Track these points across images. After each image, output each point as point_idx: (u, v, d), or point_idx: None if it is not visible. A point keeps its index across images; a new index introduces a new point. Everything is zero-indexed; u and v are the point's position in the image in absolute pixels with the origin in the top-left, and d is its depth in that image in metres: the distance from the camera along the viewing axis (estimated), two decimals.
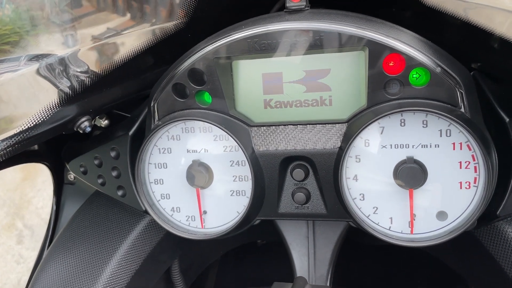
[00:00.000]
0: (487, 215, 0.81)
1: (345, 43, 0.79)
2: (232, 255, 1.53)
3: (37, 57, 0.84)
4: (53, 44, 0.86)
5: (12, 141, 0.75)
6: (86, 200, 1.17)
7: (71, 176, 1.26)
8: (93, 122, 0.96)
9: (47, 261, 1.09)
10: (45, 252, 1.21)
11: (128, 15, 0.91)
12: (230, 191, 0.91)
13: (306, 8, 0.84)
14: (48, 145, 1.22)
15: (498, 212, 0.83)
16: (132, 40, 0.89)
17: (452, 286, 1.40)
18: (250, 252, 1.60)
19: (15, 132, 0.75)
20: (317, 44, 0.80)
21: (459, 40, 0.88)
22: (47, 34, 0.87)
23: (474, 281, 1.11)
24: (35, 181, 3.74)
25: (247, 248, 1.51)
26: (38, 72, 0.82)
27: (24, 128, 0.76)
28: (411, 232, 0.83)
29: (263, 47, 0.82)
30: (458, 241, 0.81)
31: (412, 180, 0.80)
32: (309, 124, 0.86)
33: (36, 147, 1.20)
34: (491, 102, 0.83)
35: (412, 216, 0.82)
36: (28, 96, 0.82)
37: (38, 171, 3.74)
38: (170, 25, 0.88)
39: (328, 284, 0.96)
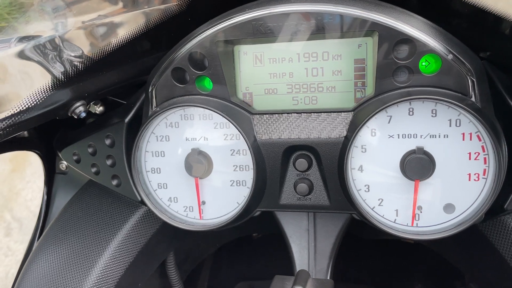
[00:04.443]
0: (493, 208, 0.79)
1: (353, 27, 0.76)
2: (227, 248, 1.50)
3: (28, 38, 0.81)
4: (43, 31, 0.82)
5: (3, 125, 0.71)
6: (78, 190, 1.13)
7: (63, 165, 1.22)
8: (88, 108, 0.92)
9: (37, 253, 1.05)
10: (35, 244, 1.17)
11: (120, 3, 0.87)
12: (230, 181, 0.88)
13: None
14: (40, 132, 1.18)
15: (505, 206, 0.81)
16: (129, 22, 0.86)
17: (450, 280, 1.38)
18: (245, 245, 1.57)
19: (6, 115, 0.71)
20: (324, 27, 0.77)
21: (468, 28, 0.85)
22: (36, 21, 0.84)
23: (474, 275, 1.09)
24: (24, 173, 3.68)
25: (242, 242, 1.49)
26: (30, 53, 0.79)
27: (16, 111, 0.72)
28: (412, 224, 0.80)
29: (268, 30, 0.79)
30: (462, 235, 0.79)
31: (420, 171, 0.77)
32: (314, 112, 0.83)
33: (27, 134, 1.16)
34: (500, 93, 0.81)
35: (415, 208, 0.80)
36: (19, 78, 0.78)
37: (27, 163, 3.68)
38: (169, 7, 0.84)
39: (328, 278, 0.93)
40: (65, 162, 1.20)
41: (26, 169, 3.68)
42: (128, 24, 0.85)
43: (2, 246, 3.25)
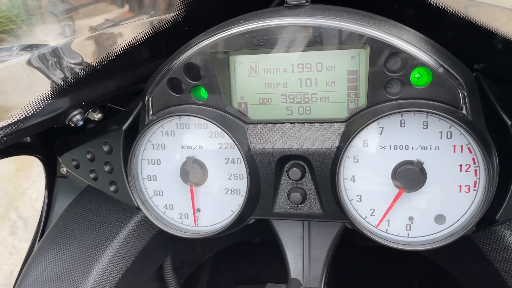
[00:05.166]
0: (485, 219, 0.80)
1: (345, 40, 0.77)
2: (225, 253, 1.51)
3: (30, 47, 0.82)
4: (50, 34, 0.84)
5: (1, 134, 0.73)
6: (78, 195, 1.15)
7: (64, 169, 1.24)
8: (85, 116, 0.94)
9: (36, 257, 1.06)
10: (36, 246, 1.19)
11: (126, 6, 0.88)
12: (225, 189, 0.89)
13: (307, 4, 0.82)
14: (41, 137, 1.20)
15: (497, 217, 0.81)
16: (128, 32, 0.87)
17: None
18: (244, 250, 1.58)
19: (4, 125, 0.72)
20: (317, 40, 0.78)
21: (462, 40, 0.86)
22: (44, 23, 0.85)
23: (469, 285, 1.09)
24: (30, 172, 3.71)
25: (241, 246, 1.50)
26: (30, 62, 0.80)
27: (13, 121, 0.73)
28: (378, 226, 0.82)
29: (261, 43, 0.80)
30: (455, 245, 0.79)
31: (411, 183, 0.78)
32: (307, 122, 0.84)
33: (28, 139, 1.18)
34: (493, 104, 0.81)
35: (386, 213, 0.81)
36: (19, 87, 0.80)
37: (33, 163, 3.71)
38: (167, 17, 0.86)
39: (322, 286, 0.94)
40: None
41: (32, 168, 3.71)
42: (127, 34, 0.87)
43: (7, 245, 3.29)
